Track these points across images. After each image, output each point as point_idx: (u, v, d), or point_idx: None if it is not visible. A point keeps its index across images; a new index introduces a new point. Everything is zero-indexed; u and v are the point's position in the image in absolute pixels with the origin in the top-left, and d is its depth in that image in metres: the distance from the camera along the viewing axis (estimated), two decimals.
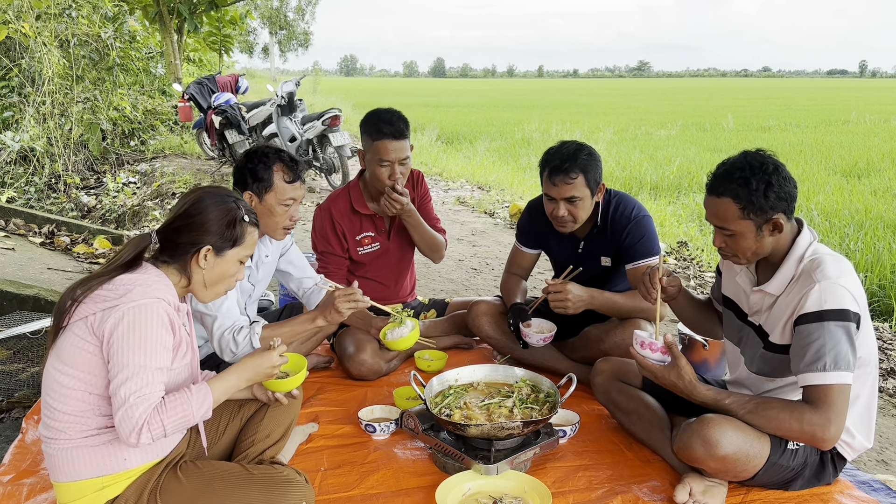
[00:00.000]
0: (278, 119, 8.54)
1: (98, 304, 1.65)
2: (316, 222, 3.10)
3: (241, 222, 1.82)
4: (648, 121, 19.56)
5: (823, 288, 1.85)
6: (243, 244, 1.84)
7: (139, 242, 1.76)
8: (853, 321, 1.84)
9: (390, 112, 2.88)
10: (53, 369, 1.68)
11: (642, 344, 2.06)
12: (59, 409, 1.67)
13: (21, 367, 3.13)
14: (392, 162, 2.86)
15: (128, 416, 1.57)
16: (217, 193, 1.84)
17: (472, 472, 2.09)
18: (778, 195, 1.89)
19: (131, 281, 1.68)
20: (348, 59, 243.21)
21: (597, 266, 2.88)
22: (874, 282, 4.85)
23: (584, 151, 2.64)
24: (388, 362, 2.99)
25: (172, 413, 1.62)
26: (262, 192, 2.42)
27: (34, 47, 8.31)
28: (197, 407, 1.66)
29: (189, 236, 1.77)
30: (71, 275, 4.70)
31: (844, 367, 1.81)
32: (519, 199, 7.60)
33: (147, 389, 1.60)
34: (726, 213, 1.93)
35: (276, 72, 53.34)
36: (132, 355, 1.60)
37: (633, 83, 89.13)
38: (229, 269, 1.84)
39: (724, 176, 1.94)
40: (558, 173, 2.62)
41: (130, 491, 1.72)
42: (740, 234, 1.94)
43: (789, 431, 1.88)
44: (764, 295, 2.03)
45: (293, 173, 2.45)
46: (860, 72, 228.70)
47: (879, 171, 9.72)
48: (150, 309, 1.63)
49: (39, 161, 8.05)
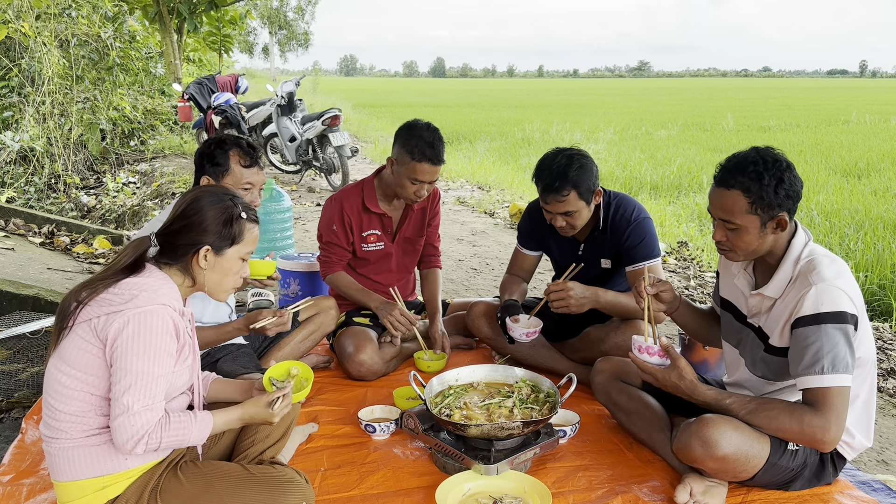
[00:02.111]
0: (278, 119, 8.55)
1: (103, 307, 1.64)
2: (325, 212, 3.12)
3: (238, 220, 1.81)
4: (649, 121, 19.56)
5: (820, 290, 1.84)
6: (243, 241, 1.83)
7: (139, 246, 1.76)
8: (850, 323, 1.84)
9: (433, 133, 2.87)
10: (56, 370, 1.68)
11: (640, 349, 2.06)
12: (61, 409, 1.67)
13: (21, 367, 3.13)
14: (424, 182, 2.89)
15: (128, 423, 1.58)
16: (213, 192, 1.84)
17: (472, 472, 2.09)
18: (787, 193, 1.89)
19: (137, 285, 1.67)
20: (348, 58, 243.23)
21: (597, 268, 2.88)
22: (874, 282, 4.85)
23: (574, 166, 2.60)
24: (387, 362, 2.99)
25: (173, 432, 1.66)
26: (218, 177, 2.50)
27: (34, 47, 8.32)
28: (196, 433, 1.71)
29: (187, 237, 1.77)
30: (71, 275, 4.69)
31: (843, 370, 1.81)
32: (519, 199, 7.61)
33: (151, 400, 1.61)
34: (734, 206, 1.91)
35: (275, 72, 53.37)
36: (136, 361, 1.60)
37: (634, 83, 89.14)
38: (232, 267, 1.83)
39: (737, 168, 1.92)
40: (549, 192, 2.61)
41: (131, 491, 1.72)
42: (744, 229, 1.93)
43: (789, 433, 1.88)
44: (762, 298, 2.02)
45: (250, 158, 2.55)
46: (860, 72, 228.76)
47: (879, 171, 9.72)
48: (156, 315, 1.63)
49: (39, 161, 8.05)
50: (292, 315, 3.03)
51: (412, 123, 2.93)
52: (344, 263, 3.14)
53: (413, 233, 3.22)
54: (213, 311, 2.70)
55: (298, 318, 3.04)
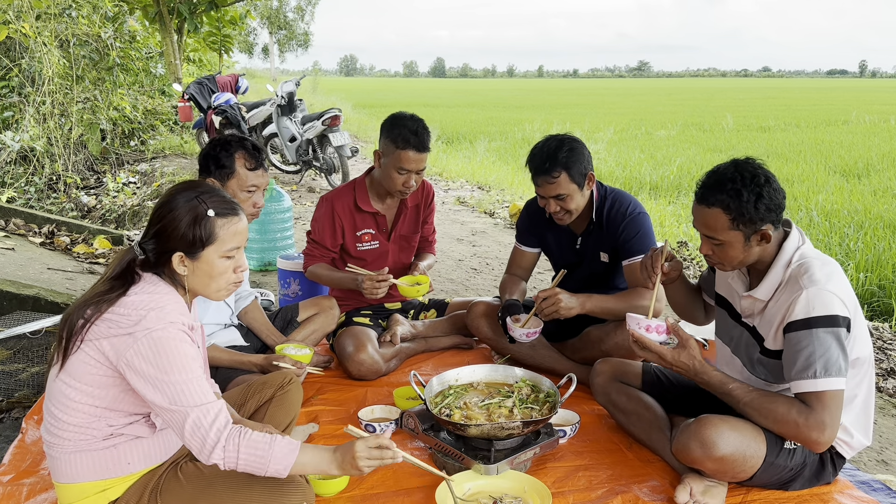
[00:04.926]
0: (278, 119, 8.55)
1: (111, 328, 1.60)
2: (317, 210, 3.13)
3: (204, 219, 1.68)
4: (648, 121, 19.56)
5: (811, 295, 1.85)
6: (217, 240, 1.70)
7: (124, 257, 1.71)
8: (843, 326, 1.85)
9: (416, 122, 2.88)
10: (62, 383, 1.64)
11: (647, 328, 2.01)
12: (65, 419, 1.65)
13: (21, 367, 3.13)
14: (410, 172, 2.88)
15: (198, 425, 1.56)
16: (183, 191, 1.73)
17: (472, 472, 2.09)
18: (768, 207, 1.89)
19: (143, 304, 1.62)
20: (348, 59, 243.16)
21: (597, 262, 2.88)
22: (874, 282, 4.85)
23: (564, 148, 2.61)
24: (387, 362, 2.99)
25: (251, 445, 1.58)
26: (223, 180, 2.51)
27: (34, 47, 8.31)
28: (279, 455, 1.60)
29: (159, 244, 1.69)
30: (71, 275, 4.70)
31: (835, 374, 1.81)
32: (519, 199, 7.60)
33: (203, 398, 1.58)
34: (716, 223, 1.93)
35: (275, 72, 53.35)
36: (168, 376, 1.56)
37: (633, 83, 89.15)
38: (214, 269, 1.71)
39: (715, 186, 1.92)
40: (540, 174, 2.63)
41: (131, 492, 1.72)
42: (728, 244, 1.94)
43: (784, 428, 1.88)
44: (754, 301, 2.03)
45: (255, 161, 2.55)
46: (860, 72, 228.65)
47: (879, 171, 9.72)
48: (168, 332, 1.59)
49: (39, 161, 8.05)
50: (292, 316, 3.04)
51: (396, 114, 2.94)
52: (327, 261, 3.14)
53: (408, 230, 3.22)
54: (213, 313, 2.70)
55: (298, 318, 3.05)
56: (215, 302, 2.68)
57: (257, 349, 2.85)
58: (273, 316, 3.03)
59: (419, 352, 3.21)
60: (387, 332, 3.12)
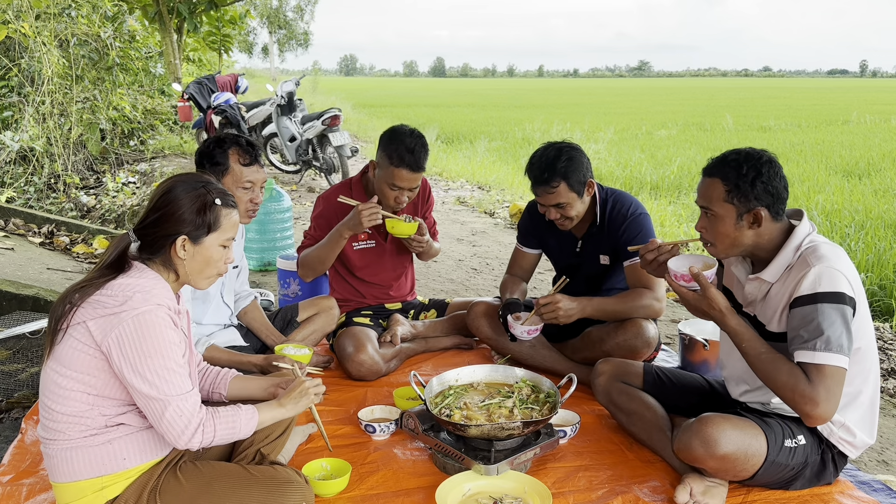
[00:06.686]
0: (278, 119, 8.54)
1: (97, 309, 1.63)
2: (315, 209, 3.14)
3: (212, 206, 1.77)
4: (649, 121, 19.56)
5: (819, 271, 1.86)
6: (220, 228, 1.79)
7: (119, 242, 1.74)
8: (849, 305, 1.85)
9: (415, 140, 2.84)
10: (52, 371, 1.67)
11: (676, 276, 2.06)
12: (58, 410, 1.66)
13: (21, 367, 3.13)
14: (403, 189, 2.88)
15: (177, 415, 1.63)
16: (186, 180, 1.80)
17: (472, 473, 2.09)
18: (765, 187, 1.92)
19: (130, 287, 1.66)
20: (348, 58, 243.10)
21: (596, 265, 2.88)
22: (874, 282, 4.85)
23: (563, 157, 2.61)
24: (387, 362, 2.98)
25: (223, 422, 1.72)
26: (219, 176, 2.51)
27: (34, 47, 8.31)
28: (245, 423, 1.77)
29: (163, 228, 1.74)
30: (71, 275, 4.69)
31: (837, 350, 1.80)
32: (519, 199, 7.60)
33: (182, 388, 1.65)
34: (712, 193, 1.98)
35: (275, 71, 53.35)
36: (150, 361, 1.61)
37: (634, 83, 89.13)
38: (212, 255, 1.79)
39: (720, 159, 2.01)
40: (539, 184, 2.63)
41: (130, 491, 1.72)
42: (720, 218, 1.97)
43: (783, 391, 1.86)
44: (760, 283, 2.03)
45: (249, 156, 2.56)
46: (861, 71, 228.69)
47: (880, 171, 9.71)
48: (154, 315, 1.62)
49: (39, 161, 8.05)
50: (291, 316, 3.04)
51: (396, 128, 2.91)
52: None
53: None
54: (213, 313, 2.70)
55: (298, 318, 3.04)
56: (215, 302, 2.69)
57: (257, 349, 2.85)
58: (273, 316, 3.03)
59: (419, 352, 3.21)
60: (387, 332, 3.11)
